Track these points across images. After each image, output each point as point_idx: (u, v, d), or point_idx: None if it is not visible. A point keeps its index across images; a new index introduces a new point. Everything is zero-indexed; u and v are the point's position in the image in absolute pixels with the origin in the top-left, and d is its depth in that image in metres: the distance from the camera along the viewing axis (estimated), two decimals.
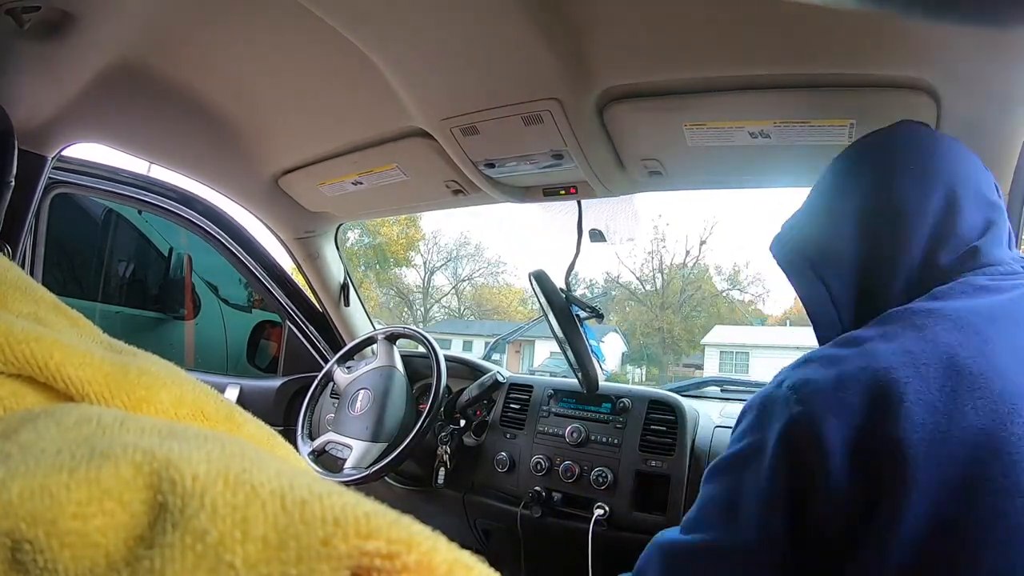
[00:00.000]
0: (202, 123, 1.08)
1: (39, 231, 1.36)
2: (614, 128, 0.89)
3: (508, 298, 17.05)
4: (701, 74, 0.77)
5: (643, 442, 1.16)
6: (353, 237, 15.85)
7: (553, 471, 1.22)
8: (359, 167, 1.15)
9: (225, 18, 0.82)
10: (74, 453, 0.16)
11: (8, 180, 0.79)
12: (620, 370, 14.40)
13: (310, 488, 0.16)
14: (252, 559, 0.14)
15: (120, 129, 1.13)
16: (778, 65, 0.73)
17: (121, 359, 0.22)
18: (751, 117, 0.81)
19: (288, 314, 1.67)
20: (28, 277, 0.26)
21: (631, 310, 16.02)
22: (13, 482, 0.15)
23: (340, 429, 1.31)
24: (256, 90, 1.00)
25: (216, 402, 0.23)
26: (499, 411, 1.34)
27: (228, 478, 0.15)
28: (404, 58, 0.81)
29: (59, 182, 1.36)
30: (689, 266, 15.88)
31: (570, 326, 1.07)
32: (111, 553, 0.15)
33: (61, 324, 0.25)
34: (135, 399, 0.21)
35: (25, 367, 0.20)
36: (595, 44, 0.75)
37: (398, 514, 0.16)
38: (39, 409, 0.19)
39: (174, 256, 1.93)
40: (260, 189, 1.33)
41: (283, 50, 0.87)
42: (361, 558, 0.14)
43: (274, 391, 1.62)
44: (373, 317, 1.73)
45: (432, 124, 0.95)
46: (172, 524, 0.15)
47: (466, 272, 17.44)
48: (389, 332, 1.40)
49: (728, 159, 0.91)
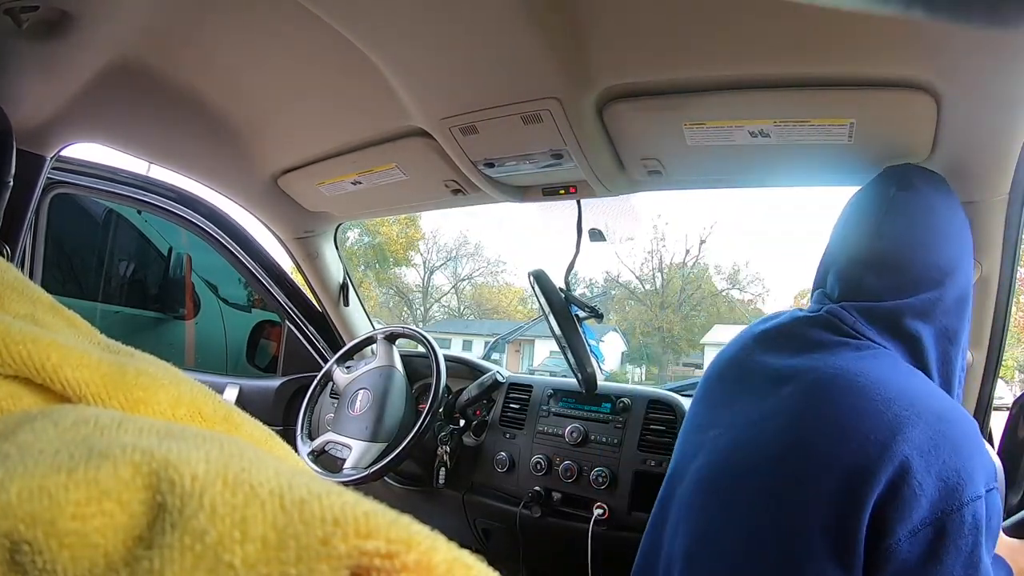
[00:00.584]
0: (201, 123, 1.08)
1: (38, 231, 1.36)
2: (614, 127, 0.89)
3: (508, 297, 17.05)
4: (701, 73, 0.77)
5: (643, 442, 1.16)
6: (353, 237, 15.85)
7: (553, 471, 1.22)
8: (358, 167, 1.15)
9: (224, 17, 0.82)
10: (72, 454, 0.16)
11: (7, 180, 0.79)
12: (620, 369, 14.40)
13: (309, 488, 0.16)
14: (251, 559, 0.14)
15: (119, 129, 1.13)
16: (778, 64, 0.73)
17: (119, 360, 0.22)
18: (751, 116, 0.81)
19: (287, 314, 1.67)
20: (25, 278, 0.26)
21: (631, 309, 16.03)
22: (11, 483, 0.15)
23: (339, 429, 1.31)
24: (255, 89, 1.00)
25: (214, 403, 0.23)
26: (499, 411, 1.34)
27: (227, 478, 0.15)
28: (403, 57, 0.81)
29: (58, 182, 1.36)
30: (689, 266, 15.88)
31: (569, 326, 1.07)
32: (110, 553, 0.15)
33: (58, 325, 0.25)
34: (133, 400, 0.21)
35: (22, 368, 0.20)
36: (595, 43, 0.75)
37: (397, 514, 0.16)
38: (36, 410, 0.19)
39: (174, 256, 1.93)
40: (259, 189, 1.33)
41: (282, 49, 0.87)
42: (360, 557, 0.14)
43: (273, 391, 1.62)
44: (373, 317, 1.73)
45: (431, 123, 0.95)
46: (171, 524, 0.15)
47: (466, 272, 17.45)
48: (388, 332, 1.40)
49: (728, 158, 0.91)
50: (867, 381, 0.63)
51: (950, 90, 0.70)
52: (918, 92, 0.71)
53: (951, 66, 0.67)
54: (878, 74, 0.71)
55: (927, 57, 0.67)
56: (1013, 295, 0.96)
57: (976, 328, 0.98)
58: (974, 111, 0.73)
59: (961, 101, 0.71)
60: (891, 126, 0.77)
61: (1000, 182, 0.82)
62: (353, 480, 1.21)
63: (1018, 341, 8.26)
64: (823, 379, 0.65)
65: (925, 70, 0.69)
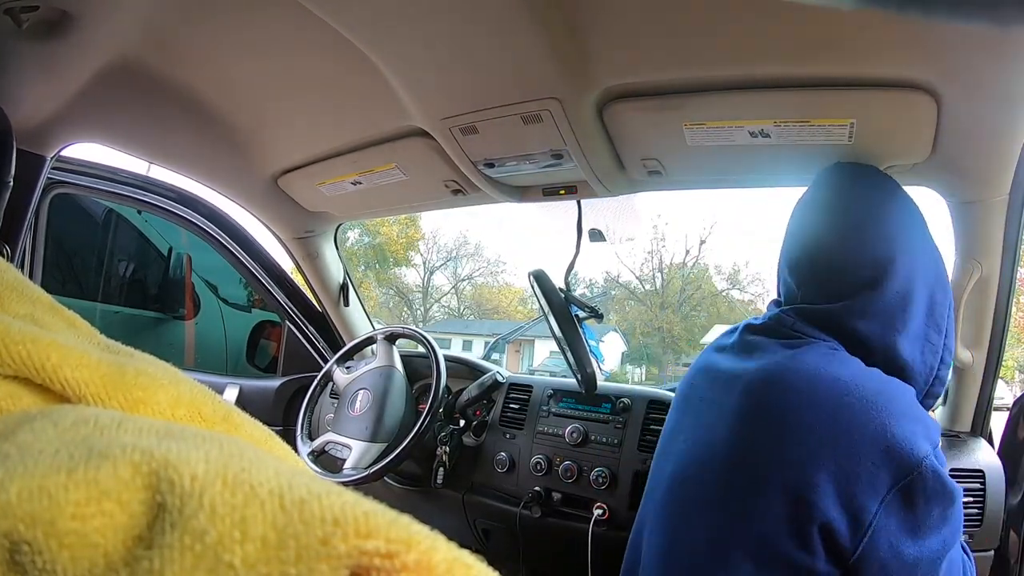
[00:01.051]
0: (201, 123, 1.08)
1: (38, 231, 1.36)
2: (614, 128, 0.89)
3: (508, 298, 17.04)
4: (701, 73, 0.77)
5: (642, 442, 1.16)
6: (353, 237, 15.85)
7: (553, 471, 1.22)
8: (358, 167, 1.15)
9: (224, 18, 0.82)
10: (72, 454, 0.16)
11: (7, 180, 0.79)
12: (620, 370, 14.39)
13: (309, 487, 0.16)
14: (251, 559, 0.14)
15: (119, 129, 1.13)
16: (778, 64, 0.73)
17: (118, 360, 0.22)
18: (751, 116, 0.81)
19: (287, 314, 1.67)
20: (25, 278, 0.26)
21: (631, 310, 16.02)
22: (11, 483, 0.15)
23: (339, 429, 1.31)
24: (255, 89, 1.00)
25: (213, 403, 0.23)
26: (499, 411, 1.34)
27: (227, 478, 0.15)
28: (403, 57, 0.81)
29: (58, 182, 1.36)
30: (689, 266, 15.88)
31: (569, 326, 1.07)
32: (110, 553, 0.15)
33: (58, 325, 0.25)
34: (132, 400, 0.21)
35: (22, 368, 0.20)
36: (595, 44, 0.74)
37: (397, 513, 0.16)
38: (36, 410, 0.19)
39: (174, 256, 1.93)
40: (259, 189, 1.33)
41: (282, 50, 0.87)
42: (360, 557, 0.14)
43: (273, 391, 1.62)
44: (373, 317, 1.73)
45: (431, 124, 0.95)
46: (171, 524, 0.15)
47: (466, 272, 17.44)
48: (389, 332, 1.40)
49: (728, 158, 0.91)
50: (800, 375, 0.65)
51: (950, 90, 0.70)
52: (918, 92, 0.71)
53: (951, 66, 0.67)
54: (878, 74, 0.71)
55: (927, 57, 0.67)
56: (1013, 295, 0.96)
57: (976, 328, 0.98)
58: (974, 111, 0.72)
59: (961, 101, 0.71)
60: (891, 126, 0.77)
61: (1000, 182, 0.82)
62: (353, 480, 1.21)
63: (1018, 341, 8.27)
64: (758, 380, 0.68)
65: (925, 70, 0.69)
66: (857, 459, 0.60)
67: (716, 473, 0.68)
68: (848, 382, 0.64)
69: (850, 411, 0.62)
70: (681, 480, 0.72)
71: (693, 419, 0.76)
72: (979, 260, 0.91)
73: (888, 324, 0.69)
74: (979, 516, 0.97)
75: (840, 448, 0.61)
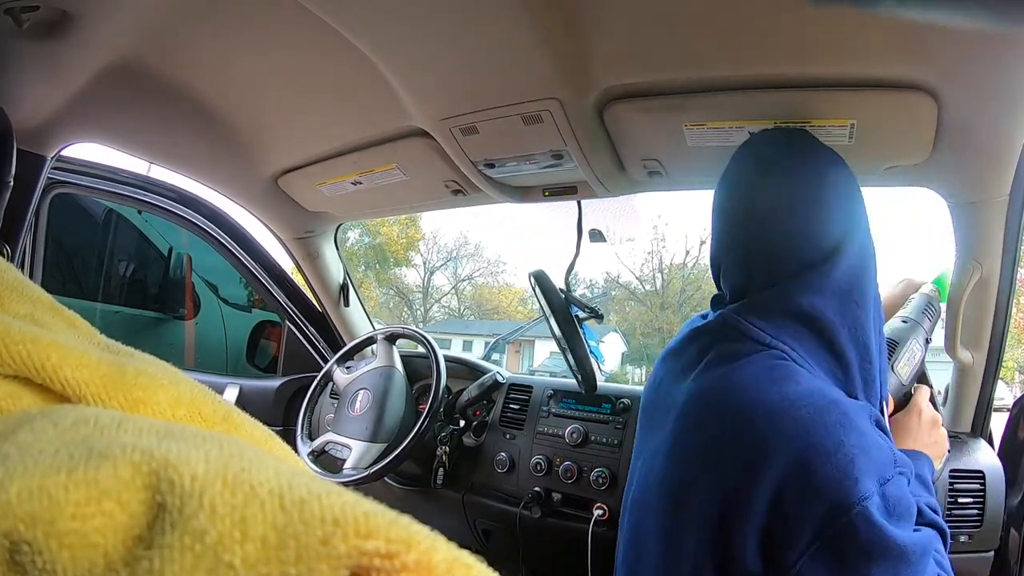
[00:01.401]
0: (201, 123, 1.08)
1: (38, 231, 1.36)
2: (614, 128, 0.89)
3: (508, 298, 17.04)
4: (701, 74, 0.77)
5: None
6: (353, 237, 15.85)
7: (553, 471, 1.22)
8: (358, 167, 1.15)
9: (224, 18, 0.82)
10: (72, 454, 0.16)
11: (7, 180, 0.79)
12: (620, 370, 14.39)
13: (309, 488, 0.16)
14: (251, 559, 0.14)
15: (119, 129, 1.13)
16: (778, 65, 0.73)
17: (118, 360, 0.22)
18: (751, 117, 0.81)
19: (288, 314, 1.67)
20: (25, 278, 0.26)
21: (631, 310, 16.02)
22: (11, 483, 0.15)
23: (339, 429, 1.31)
24: (255, 90, 1.00)
25: (213, 403, 0.23)
26: (499, 411, 1.34)
27: (227, 478, 0.15)
28: (404, 58, 0.81)
29: (59, 182, 1.36)
30: (689, 266, 15.87)
31: (569, 327, 1.07)
32: (110, 553, 0.15)
33: (58, 325, 0.25)
34: (132, 400, 0.21)
35: (22, 368, 0.20)
36: (595, 44, 0.75)
37: (397, 514, 0.16)
38: (36, 410, 0.19)
39: (174, 256, 1.93)
40: (259, 189, 1.33)
41: (282, 50, 0.87)
42: (360, 557, 0.14)
43: (273, 391, 1.62)
44: (373, 317, 1.73)
45: (432, 124, 0.95)
46: (171, 524, 0.15)
47: (466, 272, 17.44)
48: (389, 332, 1.40)
49: (728, 159, 0.91)
50: (731, 400, 0.60)
51: (950, 90, 0.70)
52: (918, 92, 0.71)
53: (951, 67, 0.67)
54: (878, 75, 0.71)
55: (927, 58, 0.67)
56: (1013, 296, 0.96)
57: (976, 329, 0.98)
58: (974, 111, 0.72)
59: (961, 101, 0.71)
60: (892, 126, 0.77)
61: (1000, 183, 0.82)
62: (353, 480, 1.21)
63: (1018, 342, 8.27)
64: (692, 403, 0.65)
65: (925, 71, 0.69)
66: (779, 498, 0.53)
67: (658, 499, 0.65)
68: (781, 406, 0.56)
69: (777, 440, 0.55)
70: (638, 504, 0.71)
71: (646, 441, 0.75)
72: (979, 261, 0.91)
73: (846, 299, 0.63)
74: (979, 517, 0.97)
75: (763, 484, 0.54)
